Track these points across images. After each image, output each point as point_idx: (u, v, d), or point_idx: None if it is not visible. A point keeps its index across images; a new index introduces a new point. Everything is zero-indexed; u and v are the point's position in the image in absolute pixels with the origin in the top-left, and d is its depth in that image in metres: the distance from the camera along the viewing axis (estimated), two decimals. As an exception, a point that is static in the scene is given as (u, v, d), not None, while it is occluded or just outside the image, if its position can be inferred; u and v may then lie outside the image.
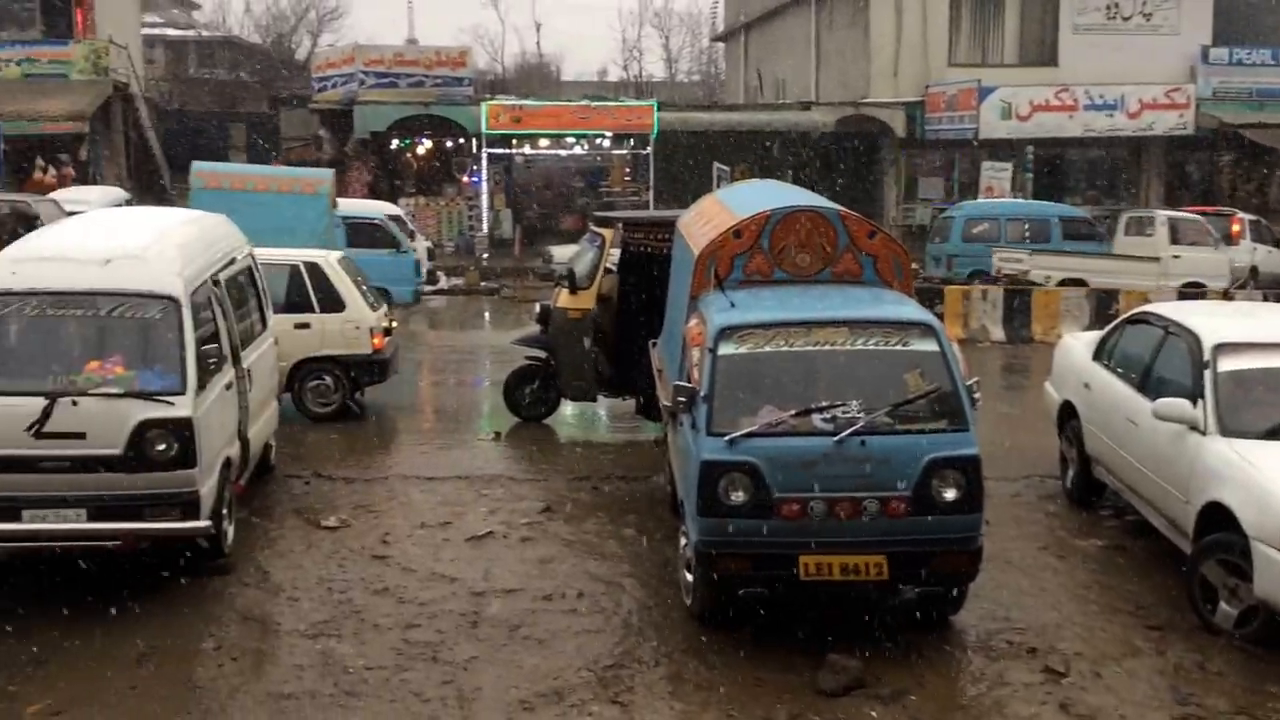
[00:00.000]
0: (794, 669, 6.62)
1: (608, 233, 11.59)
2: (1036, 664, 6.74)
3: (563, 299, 11.72)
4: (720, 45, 51.61)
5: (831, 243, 7.87)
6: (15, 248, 8.15)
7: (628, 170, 30.93)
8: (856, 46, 31.61)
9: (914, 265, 12.25)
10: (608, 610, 7.43)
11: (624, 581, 7.89)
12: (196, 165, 17.57)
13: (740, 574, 6.83)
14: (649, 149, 29.54)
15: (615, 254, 11.43)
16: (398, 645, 6.88)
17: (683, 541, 7.35)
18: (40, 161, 29.06)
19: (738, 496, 6.63)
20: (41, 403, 7.04)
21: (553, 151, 30.24)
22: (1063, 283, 20.17)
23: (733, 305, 7.33)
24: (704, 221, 8.74)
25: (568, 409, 12.63)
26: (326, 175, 17.94)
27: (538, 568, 8.13)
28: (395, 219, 22.18)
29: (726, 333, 7.07)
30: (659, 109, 30.11)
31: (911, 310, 7.46)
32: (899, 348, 7.05)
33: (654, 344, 9.78)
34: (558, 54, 77.73)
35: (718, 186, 21.88)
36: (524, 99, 31.94)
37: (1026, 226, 22.76)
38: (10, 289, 7.45)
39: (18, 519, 7.10)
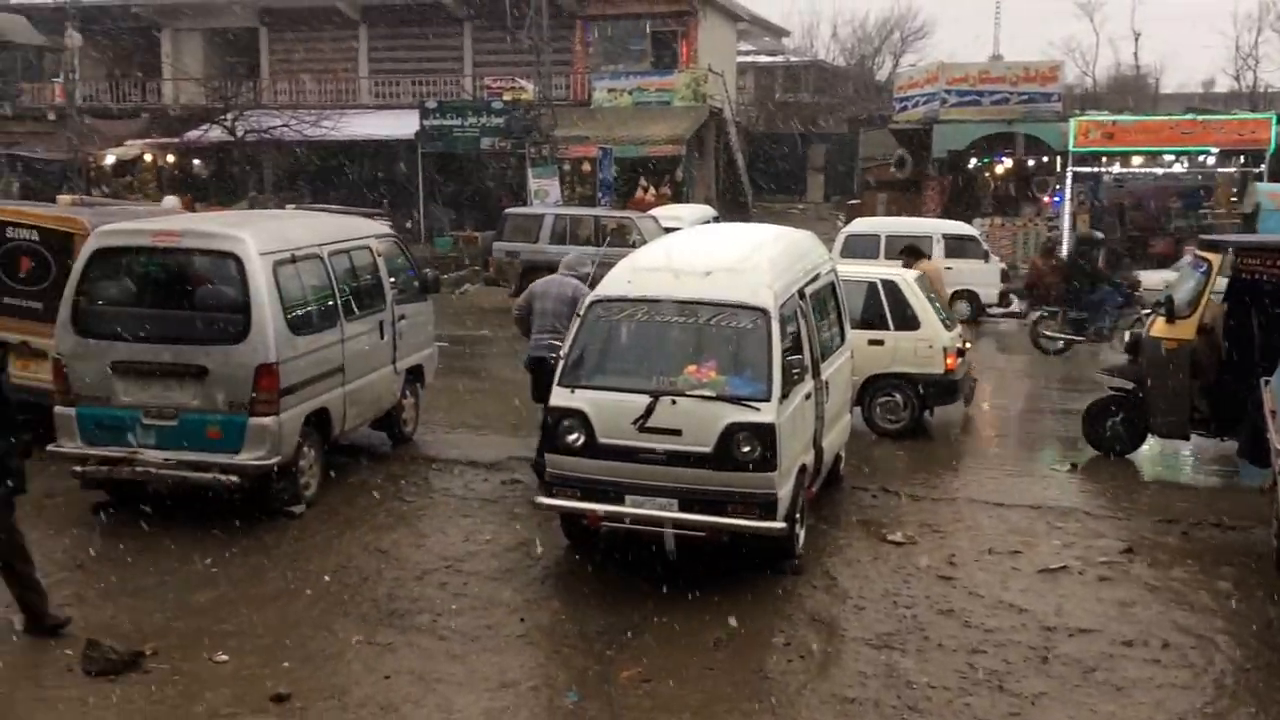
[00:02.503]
0: None
1: (1215, 258, 10.59)
2: None
3: (1157, 328, 10.88)
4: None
5: None
6: (630, 259, 9.06)
7: (1234, 190, 28.02)
8: None
9: None
10: (1196, 666, 6.82)
11: (1217, 638, 7.20)
12: (1263, 186, 17.81)
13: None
14: (1263, 166, 26.55)
15: (1222, 282, 10.45)
16: (962, 668, 6.78)
17: (1294, 604, 6.57)
18: (643, 181, 32.33)
19: (1373, 561, 5.82)
20: (646, 400, 7.75)
21: (1147, 170, 28.16)
22: None
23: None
24: (1340, 247, 7.73)
25: (1153, 446, 11.72)
26: None
27: (1116, 610, 7.64)
28: (970, 239, 21.91)
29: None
30: (1278, 121, 26.99)
31: None
32: None
33: (1267, 382, 8.81)
34: (1156, 65, 72.71)
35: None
36: (1117, 114, 30.11)
37: None
38: (626, 296, 8.31)
39: (621, 502, 7.88)
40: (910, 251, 14.35)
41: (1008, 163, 29.81)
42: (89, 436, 8.90)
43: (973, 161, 29.75)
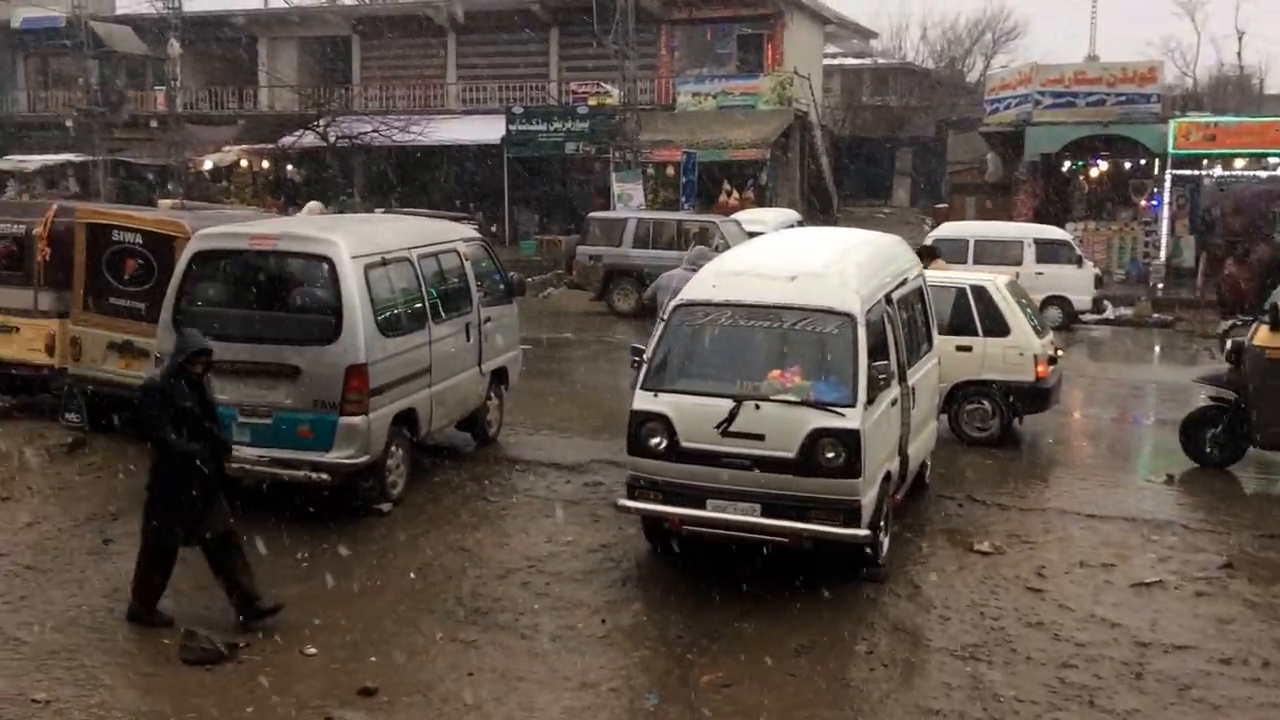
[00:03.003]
0: None
1: (1322, 264, 10.24)
2: None
3: (1261, 336, 10.56)
4: None
5: None
6: (715, 263, 9.05)
7: (1343, 194, 27.01)
8: None
9: None
10: (1301, 688, 6.58)
11: (1320, 658, 6.94)
12: None
13: None
14: (1372, 169, 25.58)
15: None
16: (1051, 682, 6.65)
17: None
18: (726, 185, 32.24)
19: None
20: (729, 404, 7.71)
21: (1251, 172, 27.26)
22: None
23: None
24: None
25: (1256, 457, 11.36)
26: None
27: (1215, 627, 7.42)
28: (1062, 244, 21.49)
29: None
30: (1387, 122, 26.01)
31: None
32: None
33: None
34: (1262, 64, 70.32)
35: None
36: (1219, 115, 29.21)
37: None
38: (710, 300, 8.28)
39: (702, 506, 7.86)
40: (925, 253, 14.19)
41: (1103, 165, 29.09)
42: (186, 433, 9.12)
43: (1066, 164, 29.09)
